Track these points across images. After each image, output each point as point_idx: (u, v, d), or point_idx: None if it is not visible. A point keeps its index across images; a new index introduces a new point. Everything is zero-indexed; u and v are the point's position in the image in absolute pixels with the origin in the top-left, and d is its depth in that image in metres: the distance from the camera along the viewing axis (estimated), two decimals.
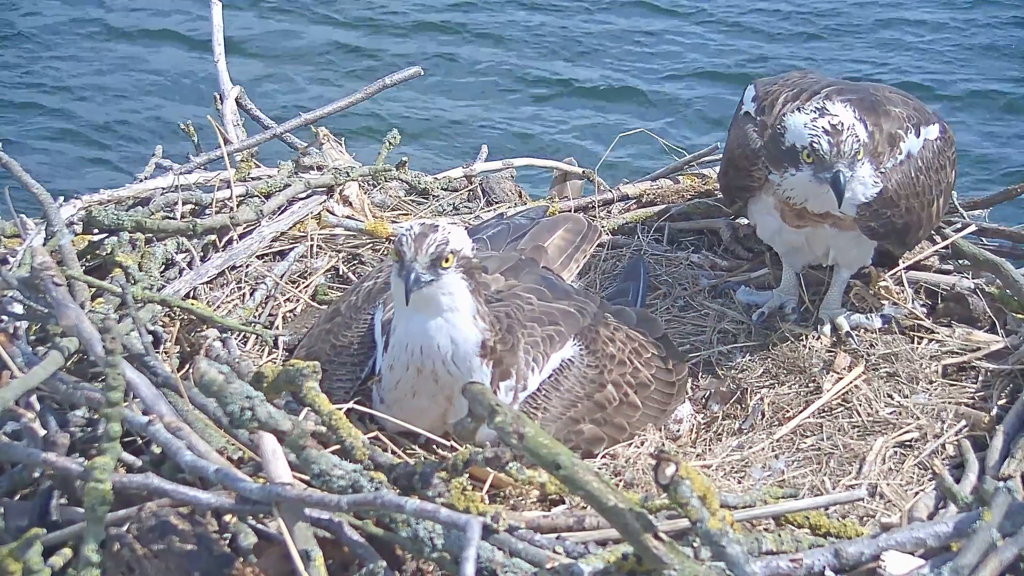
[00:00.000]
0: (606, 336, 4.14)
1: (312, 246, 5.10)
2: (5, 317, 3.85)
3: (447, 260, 3.66)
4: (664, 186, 5.71)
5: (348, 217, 5.31)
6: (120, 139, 12.46)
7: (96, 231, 4.67)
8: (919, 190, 4.43)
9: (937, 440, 4.14)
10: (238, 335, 4.38)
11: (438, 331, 3.73)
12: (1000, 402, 4.23)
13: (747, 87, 4.80)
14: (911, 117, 4.49)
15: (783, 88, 4.56)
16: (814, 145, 4.13)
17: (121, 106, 13.08)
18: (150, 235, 4.69)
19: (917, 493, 3.87)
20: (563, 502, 3.55)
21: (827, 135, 4.12)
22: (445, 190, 5.82)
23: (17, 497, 3.48)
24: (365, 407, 3.80)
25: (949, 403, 4.30)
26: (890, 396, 4.38)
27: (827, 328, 4.72)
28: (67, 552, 3.14)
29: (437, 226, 3.72)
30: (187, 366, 4.02)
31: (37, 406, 3.58)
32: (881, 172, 4.32)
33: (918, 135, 4.47)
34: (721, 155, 5.80)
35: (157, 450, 3.36)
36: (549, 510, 3.51)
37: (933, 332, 4.68)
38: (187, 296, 4.58)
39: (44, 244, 4.32)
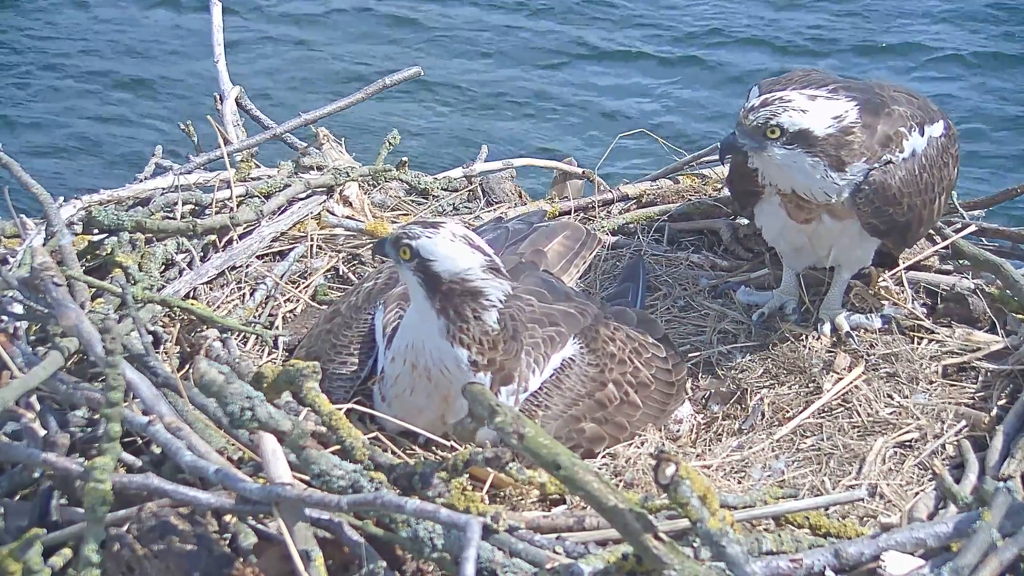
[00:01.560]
0: (606, 336, 4.14)
1: (312, 246, 5.10)
2: (5, 317, 3.85)
3: (404, 252, 3.70)
4: (664, 186, 5.71)
5: (348, 217, 5.31)
6: (120, 139, 12.46)
7: (96, 231, 4.67)
8: (922, 187, 4.43)
9: (937, 440, 4.14)
10: (238, 335, 4.37)
11: (427, 342, 3.75)
12: (1000, 402, 4.23)
13: (751, 88, 4.80)
14: (915, 116, 4.48)
15: (788, 84, 4.55)
16: (740, 111, 4.26)
17: (121, 106, 13.09)
18: (150, 235, 4.69)
19: (917, 493, 3.87)
20: (563, 502, 3.55)
21: (749, 104, 4.22)
22: (445, 190, 5.82)
23: (17, 497, 3.48)
24: (366, 407, 3.80)
25: (949, 403, 4.30)
26: (890, 396, 4.38)
27: (827, 328, 4.72)
28: (67, 552, 3.14)
29: (436, 223, 3.73)
30: (187, 366, 4.02)
31: (37, 406, 3.58)
32: (877, 168, 4.30)
33: (922, 133, 4.47)
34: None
35: (157, 450, 3.36)
36: (549, 510, 3.51)
37: (933, 332, 4.67)
38: (187, 296, 4.58)
39: (44, 244, 4.32)
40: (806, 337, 4.70)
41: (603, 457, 4.01)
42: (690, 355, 4.68)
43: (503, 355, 3.80)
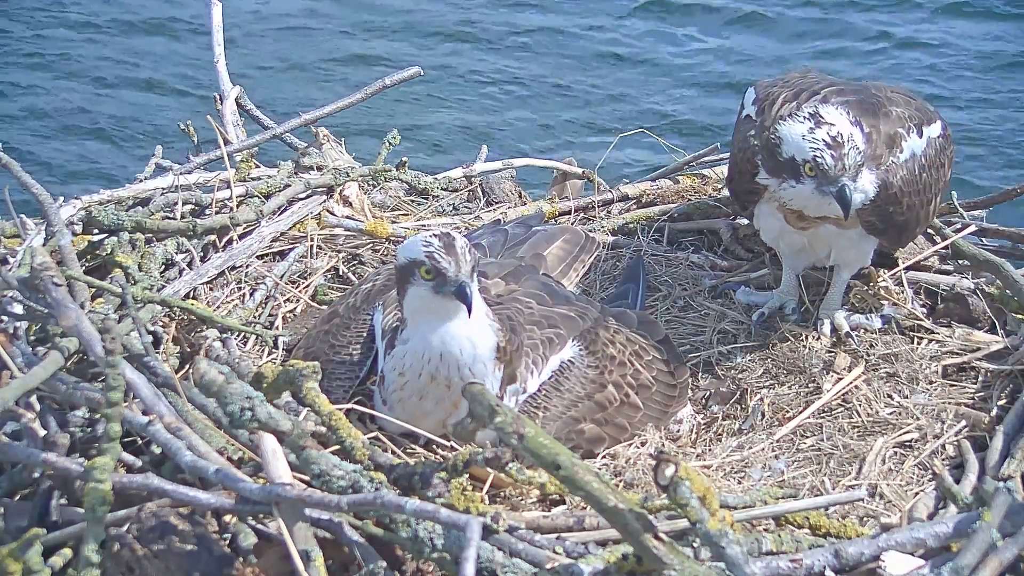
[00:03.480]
0: (606, 338, 4.14)
1: (312, 246, 5.10)
2: (5, 317, 3.85)
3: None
4: (664, 186, 5.71)
5: (348, 217, 5.31)
6: (120, 139, 12.46)
7: (96, 231, 4.67)
8: (921, 187, 4.44)
9: (937, 440, 4.14)
10: (238, 335, 4.37)
11: (459, 335, 3.72)
12: (1000, 402, 4.23)
13: (748, 89, 4.80)
14: (913, 117, 4.49)
15: (783, 89, 4.55)
16: (817, 160, 4.07)
17: (121, 106, 13.08)
18: (150, 235, 4.70)
19: (917, 493, 3.87)
20: (563, 502, 3.55)
21: (830, 149, 4.05)
22: (445, 190, 5.82)
23: (17, 497, 3.48)
24: (365, 407, 3.80)
25: (949, 403, 4.30)
26: (890, 396, 4.38)
27: (827, 328, 4.72)
28: (67, 552, 3.14)
29: (452, 235, 3.71)
30: (187, 366, 4.01)
31: (37, 406, 3.58)
32: (881, 170, 4.32)
33: (921, 135, 4.47)
34: (721, 155, 5.84)
35: (157, 450, 3.36)
36: (549, 510, 3.51)
37: (933, 332, 4.67)
38: (187, 296, 4.58)
39: (44, 244, 4.32)
40: (806, 337, 4.70)
41: (603, 457, 4.01)
42: (690, 355, 4.68)
43: (510, 344, 3.82)
